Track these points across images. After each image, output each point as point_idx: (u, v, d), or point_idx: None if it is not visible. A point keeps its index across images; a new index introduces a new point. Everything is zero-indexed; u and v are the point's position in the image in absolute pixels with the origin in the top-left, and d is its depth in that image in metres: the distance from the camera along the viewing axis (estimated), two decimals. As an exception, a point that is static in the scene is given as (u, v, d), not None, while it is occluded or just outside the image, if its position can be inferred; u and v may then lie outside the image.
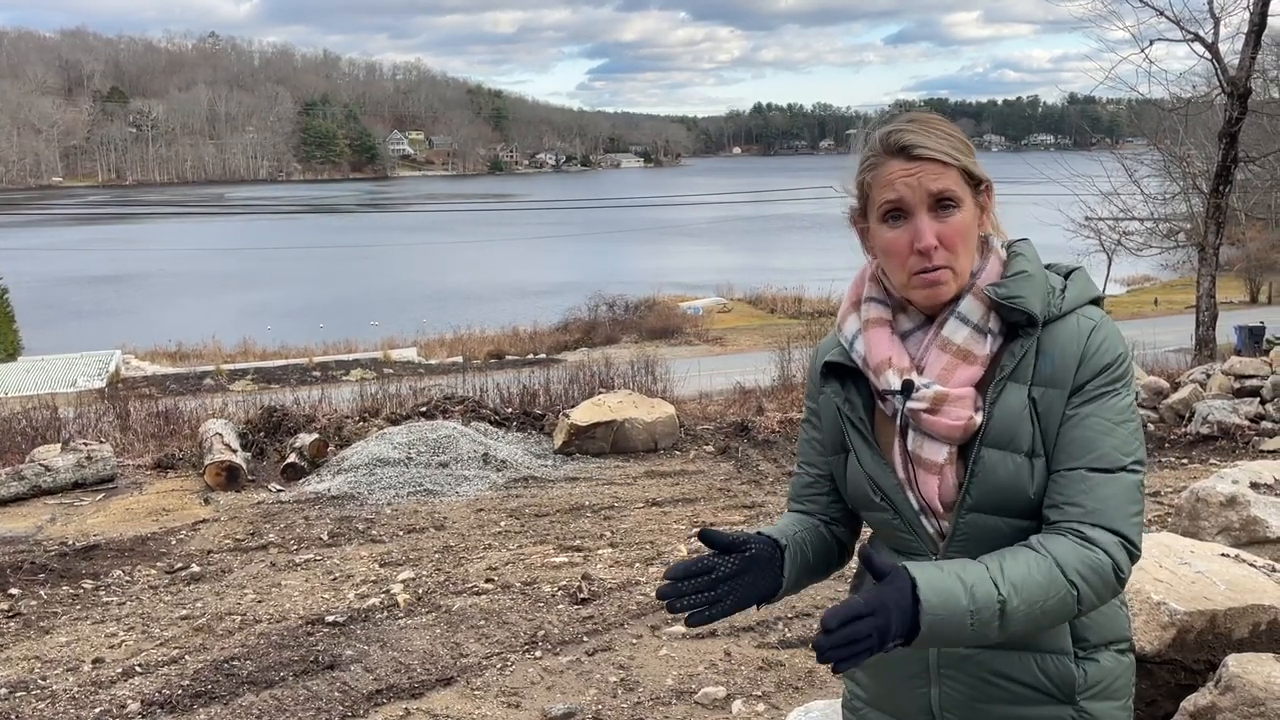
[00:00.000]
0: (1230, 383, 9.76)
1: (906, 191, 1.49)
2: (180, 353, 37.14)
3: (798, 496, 1.73)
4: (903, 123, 1.52)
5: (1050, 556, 1.40)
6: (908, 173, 1.49)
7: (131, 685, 4.38)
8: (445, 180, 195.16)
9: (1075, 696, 1.51)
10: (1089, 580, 1.40)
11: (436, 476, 7.94)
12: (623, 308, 43.19)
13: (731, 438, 9.30)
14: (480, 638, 4.73)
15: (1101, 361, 1.48)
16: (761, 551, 1.49)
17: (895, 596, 1.29)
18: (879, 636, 1.27)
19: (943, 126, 1.52)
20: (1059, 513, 1.45)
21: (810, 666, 4.28)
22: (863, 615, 1.27)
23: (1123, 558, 1.43)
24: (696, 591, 1.42)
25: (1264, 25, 15.85)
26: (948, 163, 1.49)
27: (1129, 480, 1.46)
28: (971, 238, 1.52)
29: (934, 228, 1.48)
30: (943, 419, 1.49)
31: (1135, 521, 1.46)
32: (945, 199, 1.49)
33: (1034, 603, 1.37)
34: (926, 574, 1.32)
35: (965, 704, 1.55)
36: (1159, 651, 2.94)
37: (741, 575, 1.46)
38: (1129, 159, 23.70)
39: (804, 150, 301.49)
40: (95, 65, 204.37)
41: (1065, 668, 1.51)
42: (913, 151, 1.49)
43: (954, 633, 1.33)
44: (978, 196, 1.53)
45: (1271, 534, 4.01)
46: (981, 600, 1.33)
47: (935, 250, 1.48)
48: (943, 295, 1.51)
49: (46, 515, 7.24)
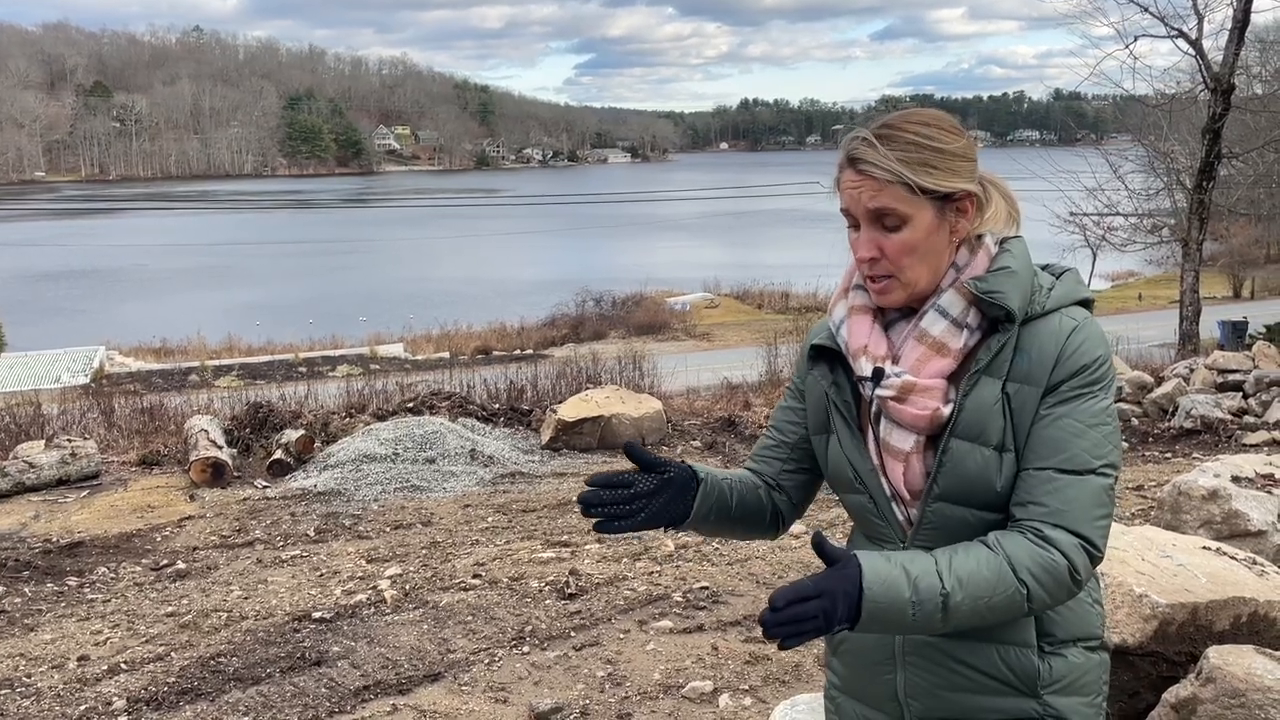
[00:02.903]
0: (1213, 377, 9.83)
1: (851, 202, 1.53)
2: (165, 349, 36.90)
3: (755, 455, 1.78)
4: (866, 130, 1.53)
5: (1004, 554, 1.42)
6: (853, 184, 1.52)
7: (117, 682, 4.36)
8: (432, 175, 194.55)
9: (1039, 690, 1.52)
10: (1040, 580, 1.41)
11: (423, 472, 7.93)
12: (610, 303, 43.15)
13: (719, 433, 9.32)
14: (467, 633, 4.73)
15: (1079, 363, 1.48)
16: (679, 477, 1.56)
17: (842, 582, 1.33)
18: (824, 619, 1.31)
19: (915, 135, 1.50)
20: (1023, 510, 1.47)
21: (796, 661, 4.30)
22: (809, 597, 1.31)
23: (1081, 560, 1.43)
24: (614, 503, 1.51)
25: (1247, 21, 15.96)
26: (886, 180, 1.49)
27: (1097, 484, 1.46)
28: (925, 249, 1.52)
29: (877, 240, 1.51)
30: (909, 408, 1.52)
31: (1099, 525, 1.46)
32: (884, 215, 1.51)
33: (979, 598, 1.39)
34: (873, 562, 1.36)
35: (929, 691, 1.57)
36: (1141, 643, 2.97)
37: (657, 495, 1.54)
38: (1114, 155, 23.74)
39: (791, 146, 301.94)
40: (78, 59, 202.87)
41: (1027, 660, 1.52)
42: (858, 166, 1.51)
43: (895, 620, 1.36)
44: (945, 206, 1.52)
45: (1253, 527, 4.05)
46: (924, 592, 1.36)
47: (875, 262, 1.52)
48: (892, 301, 1.55)
49: (30, 512, 7.20)
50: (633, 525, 1.52)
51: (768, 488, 1.73)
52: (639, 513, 1.52)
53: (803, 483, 1.74)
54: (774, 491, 1.73)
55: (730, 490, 1.65)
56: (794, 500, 1.75)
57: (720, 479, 1.64)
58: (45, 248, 75.18)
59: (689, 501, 1.57)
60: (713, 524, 1.64)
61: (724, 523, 1.65)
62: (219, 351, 35.95)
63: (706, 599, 5.03)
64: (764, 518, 1.72)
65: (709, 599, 5.03)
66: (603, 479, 1.52)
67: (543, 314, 42.10)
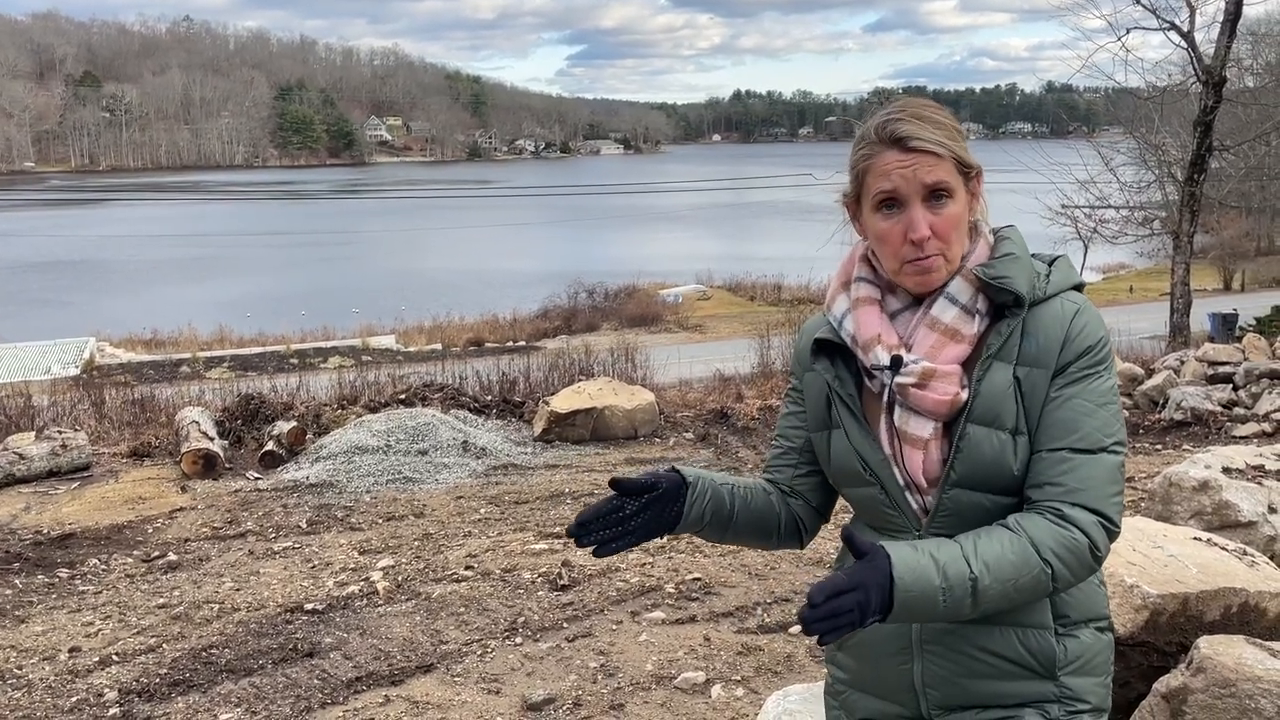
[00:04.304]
0: (1204, 369, 9.87)
1: (901, 183, 1.52)
2: (156, 340, 36.77)
3: (768, 466, 1.78)
4: (899, 111, 1.54)
5: (1026, 535, 1.44)
6: (903, 164, 1.51)
7: (109, 674, 4.35)
8: (424, 166, 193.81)
9: (1056, 671, 1.54)
10: (1064, 559, 1.44)
11: (416, 464, 7.92)
12: (602, 295, 43.12)
13: (711, 425, 9.33)
14: (460, 625, 4.73)
15: (1084, 344, 1.52)
16: (668, 489, 1.57)
17: (874, 574, 1.34)
18: (860, 611, 1.31)
19: (938, 115, 1.55)
20: (1040, 492, 1.48)
21: (789, 651, 4.31)
22: (845, 591, 1.31)
23: (1100, 537, 1.46)
24: (606, 528, 1.53)
25: (1239, 14, 15.99)
26: (941, 154, 1.51)
27: (1110, 461, 1.49)
28: (963, 225, 1.56)
29: (928, 219, 1.51)
30: (930, 394, 1.52)
31: (1115, 501, 1.48)
32: (939, 190, 1.52)
33: (1006, 580, 1.40)
34: (901, 552, 1.37)
35: (948, 679, 1.57)
36: (1132, 634, 2.98)
37: (646, 511, 1.55)
38: (1105, 147, 23.82)
39: (784, 138, 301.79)
40: (67, 49, 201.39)
41: (1046, 642, 1.54)
42: (909, 143, 1.51)
43: (927, 608, 1.37)
44: (969, 184, 1.56)
45: (1243, 518, 4.06)
46: (954, 578, 1.38)
47: (929, 241, 1.52)
48: (934, 282, 1.55)
49: (21, 504, 7.17)
50: (628, 543, 1.55)
51: (781, 495, 1.73)
52: (633, 532, 1.54)
53: (818, 485, 1.74)
54: (790, 498, 1.73)
55: (729, 494, 1.65)
56: (813, 504, 1.75)
57: (718, 482, 1.64)
58: (33, 238, 74.75)
59: (679, 507, 1.58)
60: (713, 527, 1.64)
61: (725, 526, 1.65)
62: (210, 343, 35.84)
63: (699, 590, 5.04)
64: (775, 524, 1.72)
65: (701, 590, 5.04)
66: (591, 514, 1.53)
67: (535, 306, 42.04)
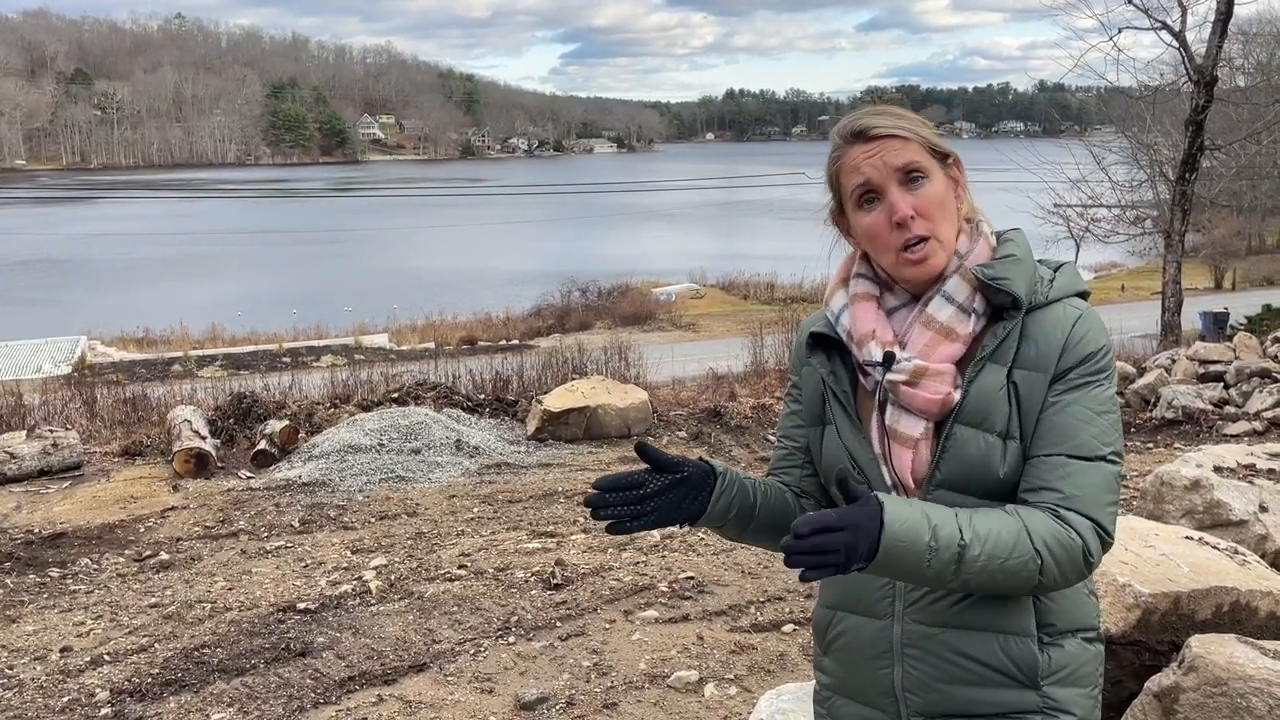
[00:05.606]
0: (1195, 368, 9.90)
1: (873, 172, 1.53)
2: (147, 339, 36.64)
3: (774, 468, 1.76)
4: (858, 112, 1.58)
5: (1022, 522, 1.43)
6: (869, 154, 1.53)
7: (100, 674, 4.34)
8: (417, 165, 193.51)
9: (1039, 680, 1.52)
10: (1055, 554, 1.42)
11: (408, 463, 7.91)
12: (595, 294, 43.08)
13: (704, 423, 9.33)
14: (453, 624, 4.73)
15: (1085, 350, 1.50)
16: (694, 475, 1.52)
17: (864, 518, 1.32)
18: (846, 552, 1.30)
19: (898, 109, 1.58)
20: (1036, 496, 1.47)
21: (782, 650, 4.32)
22: (834, 528, 1.30)
23: (1094, 543, 1.45)
24: (624, 504, 1.46)
25: (1230, 14, 16.03)
26: (906, 136, 1.53)
27: (1107, 470, 1.48)
28: (948, 206, 1.55)
29: (907, 199, 1.52)
30: (921, 392, 1.52)
31: (1110, 510, 1.47)
32: (913, 172, 1.53)
33: (995, 557, 1.39)
34: (894, 503, 1.36)
35: (928, 685, 1.55)
36: (1124, 633, 2.99)
37: (669, 493, 1.49)
38: (1097, 146, 23.90)
39: (777, 136, 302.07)
40: (59, 46, 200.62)
41: (1028, 650, 1.51)
42: (870, 133, 1.54)
43: (911, 565, 1.36)
44: (946, 169, 1.57)
45: (1234, 517, 4.08)
46: (943, 540, 1.37)
47: (913, 220, 1.51)
48: (932, 269, 1.54)
49: (12, 503, 7.14)
50: (646, 524, 1.47)
51: (795, 494, 1.71)
52: (651, 512, 1.47)
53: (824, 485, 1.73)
54: (801, 499, 1.71)
55: (754, 490, 1.62)
56: (823, 504, 1.73)
57: (743, 478, 1.61)
58: (23, 236, 74.43)
59: (705, 497, 1.53)
60: (735, 523, 1.60)
61: (748, 523, 1.62)
62: (202, 341, 35.73)
63: (692, 589, 5.04)
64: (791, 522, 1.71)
65: (694, 589, 5.04)
66: (610, 482, 1.47)
67: (528, 304, 42.01)
